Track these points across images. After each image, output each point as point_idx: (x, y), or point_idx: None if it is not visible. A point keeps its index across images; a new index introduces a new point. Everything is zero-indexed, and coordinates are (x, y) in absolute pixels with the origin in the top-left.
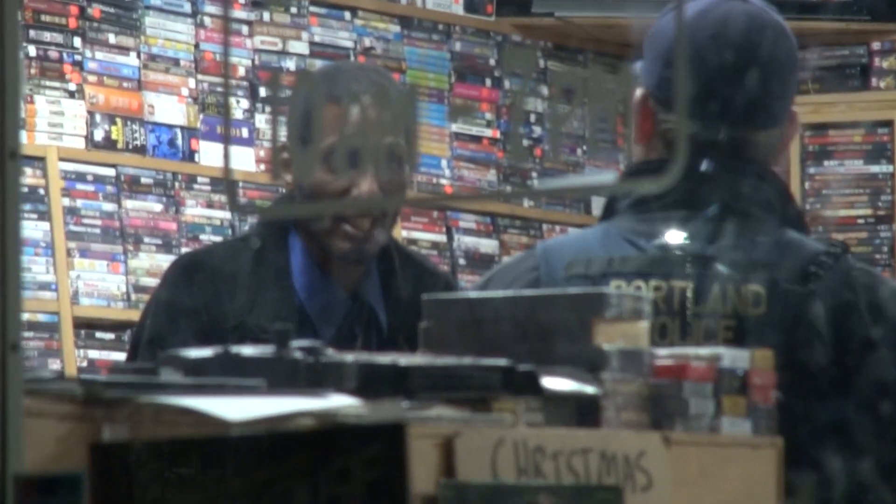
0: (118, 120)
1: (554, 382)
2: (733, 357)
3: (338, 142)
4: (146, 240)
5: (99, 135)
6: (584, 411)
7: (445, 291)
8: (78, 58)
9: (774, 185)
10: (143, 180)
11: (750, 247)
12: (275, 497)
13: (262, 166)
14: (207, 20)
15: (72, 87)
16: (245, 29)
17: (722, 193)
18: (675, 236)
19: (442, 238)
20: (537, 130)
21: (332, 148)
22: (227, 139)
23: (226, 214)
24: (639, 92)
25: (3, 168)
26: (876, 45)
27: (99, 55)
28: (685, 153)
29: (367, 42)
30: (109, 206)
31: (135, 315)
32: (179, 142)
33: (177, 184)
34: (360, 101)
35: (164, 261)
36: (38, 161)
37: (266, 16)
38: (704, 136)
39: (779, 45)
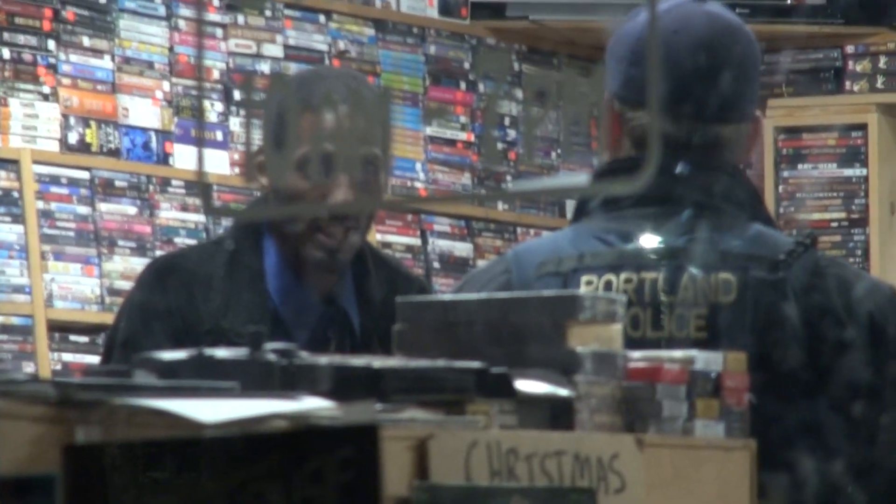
0: (92, 123)
1: (527, 385)
2: (706, 360)
3: (312, 150)
4: (120, 243)
5: (73, 138)
6: (557, 414)
7: (419, 295)
8: (52, 60)
9: (745, 185)
10: (118, 183)
11: (720, 239)
12: (248, 498)
13: (237, 169)
14: (182, 23)
15: (46, 89)
16: (219, 32)
17: (694, 191)
18: (646, 232)
19: (416, 242)
20: (512, 133)
21: (307, 156)
22: (200, 142)
23: (200, 217)
24: (604, 95)
25: None
26: (850, 49)
27: (73, 58)
28: (658, 151)
29: (342, 45)
30: (84, 209)
31: (109, 318)
32: (154, 145)
33: (151, 187)
34: (336, 109)
35: (139, 264)
36: (12, 164)
37: (240, 19)
38: (672, 133)
39: (740, 41)
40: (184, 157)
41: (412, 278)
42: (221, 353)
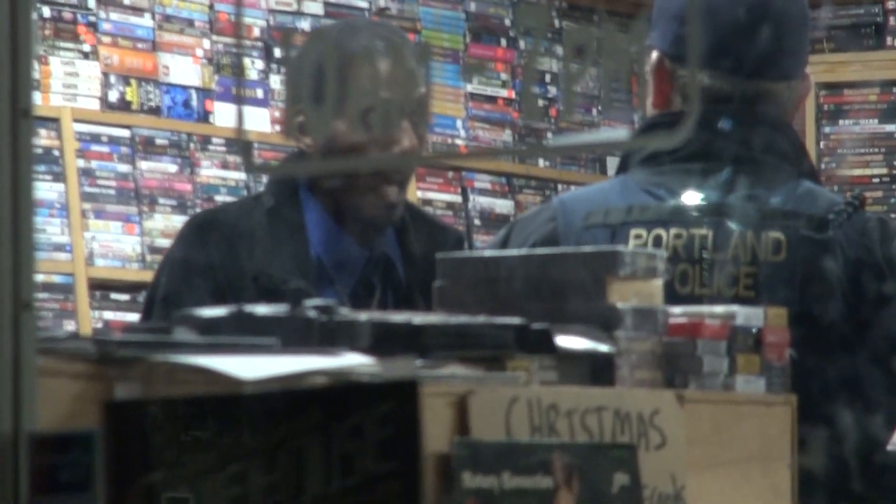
0: (133, 81)
1: (568, 341)
2: (747, 315)
3: (375, 100)
4: (161, 201)
5: (113, 96)
6: (597, 369)
7: (457, 246)
8: (92, 19)
9: (789, 138)
10: (158, 141)
11: (768, 195)
12: (288, 455)
13: (277, 127)
14: None
15: (86, 48)
16: None
17: (737, 145)
18: (692, 186)
19: (457, 199)
20: (552, 90)
21: (369, 105)
22: (240, 100)
23: (241, 175)
24: (654, 55)
25: (16, 126)
26: (891, 4)
27: (113, 16)
28: (697, 105)
29: (382, 2)
30: (124, 168)
31: (149, 276)
32: (194, 103)
33: (191, 145)
34: (385, 58)
35: (179, 222)
36: (53, 122)
37: None
38: (718, 88)
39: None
40: (224, 114)
41: (448, 228)
42: (261, 309)
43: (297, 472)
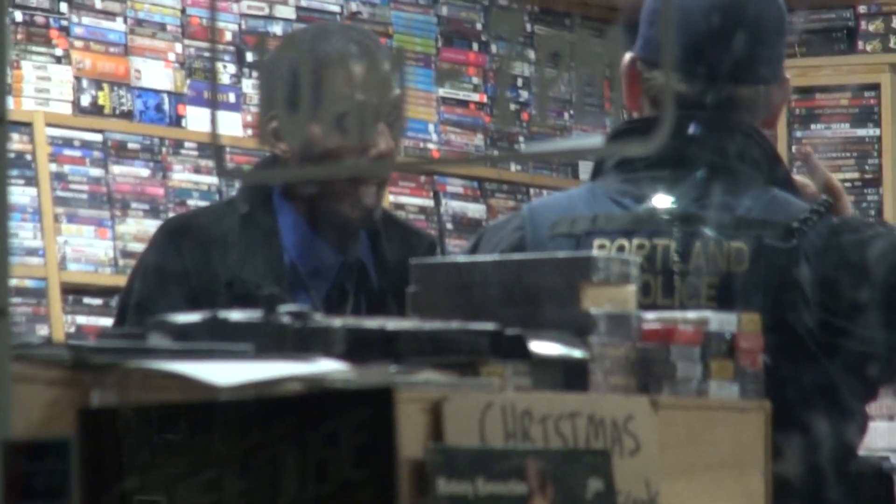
0: (105, 85)
1: (542, 346)
2: (721, 320)
3: (350, 104)
4: (133, 205)
5: (86, 100)
6: (571, 375)
7: (430, 251)
8: (64, 23)
9: (762, 145)
10: (131, 145)
11: (735, 204)
12: (263, 461)
13: (249, 131)
14: None
15: (58, 52)
16: None
17: (708, 152)
18: (660, 195)
19: (429, 203)
20: (524, 95)
21: (344, 109)
22: (214, 104)
23: (213, 180)
24: (627, 56)
25: None
26: (862, 9)
27: (85, 20)
28: (672, 112)
29: (354, 6)
30: (97, 172)
31: (123, 280)
32: (166, 107)
33: (164, 149)
34: (359, 61)
35: (152, 226)
36: (25, 126)
37: None
38: (690, 93)
39: (759, 2)
40: (196, 118)
41: (422, 234)
42: (235, 315)
43: (272, 478)
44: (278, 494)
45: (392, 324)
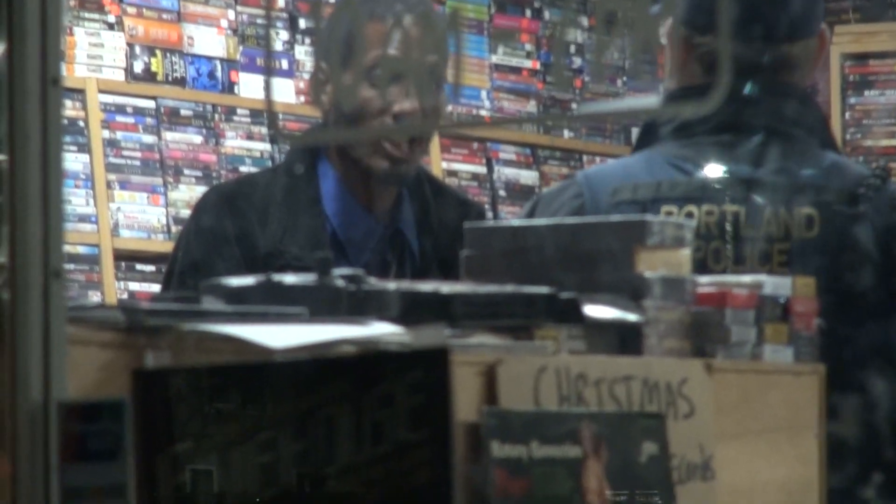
0: (158, 52)
1: (596, 310)
2: (775, 284)
3: (381, 57)
4: (186, 172)
5: (138, 67)
6: (626, 339)
7: (479, 220)
8: None
9: (814, 109)
10: (183, 112)
11: (797, 170)
12: (319, 422)
13: (302, 98)
14: None
15: (111, 18)
16: None
17: (765, 116)
18: (721, 160)
19: (482, 170)
20: (577, 61)
21: (375, 63)
22: (269, 70)
23: (265, 146)
24: (667, 23)
25: (46, 95)
26: None
27: None
28: (728, 74)
29: None
30: (149, 139)
31: None
32: (219, 74)
33: (216, 116)
34: (402, 20)
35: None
36: (78, 93)
37: None
38: (740, 54)
39: None
40: (249, 85)
41: (469, 203)
42: (289, 278)
43: (327, 440)
44: (334, 456)
45: (446, 287)
